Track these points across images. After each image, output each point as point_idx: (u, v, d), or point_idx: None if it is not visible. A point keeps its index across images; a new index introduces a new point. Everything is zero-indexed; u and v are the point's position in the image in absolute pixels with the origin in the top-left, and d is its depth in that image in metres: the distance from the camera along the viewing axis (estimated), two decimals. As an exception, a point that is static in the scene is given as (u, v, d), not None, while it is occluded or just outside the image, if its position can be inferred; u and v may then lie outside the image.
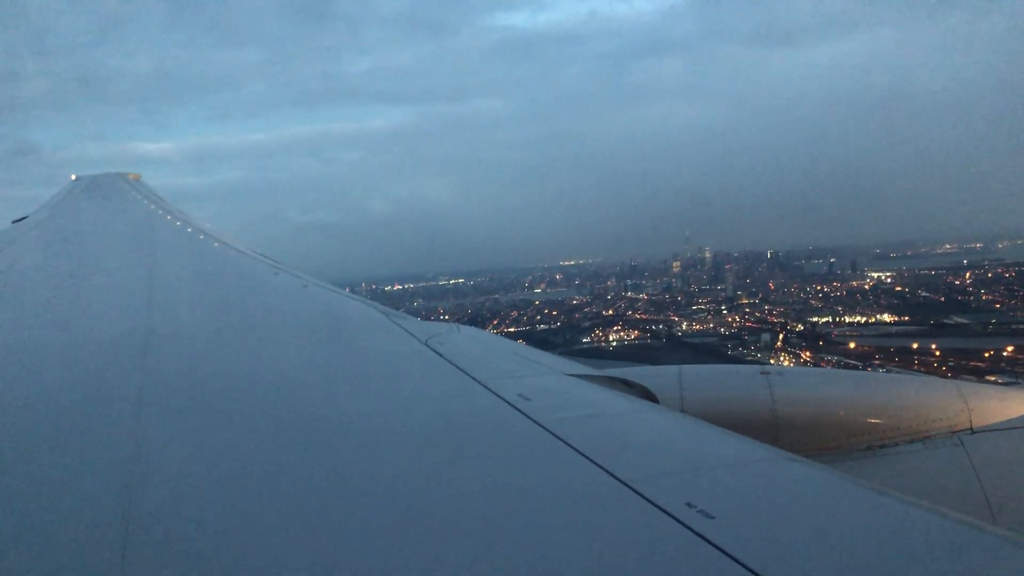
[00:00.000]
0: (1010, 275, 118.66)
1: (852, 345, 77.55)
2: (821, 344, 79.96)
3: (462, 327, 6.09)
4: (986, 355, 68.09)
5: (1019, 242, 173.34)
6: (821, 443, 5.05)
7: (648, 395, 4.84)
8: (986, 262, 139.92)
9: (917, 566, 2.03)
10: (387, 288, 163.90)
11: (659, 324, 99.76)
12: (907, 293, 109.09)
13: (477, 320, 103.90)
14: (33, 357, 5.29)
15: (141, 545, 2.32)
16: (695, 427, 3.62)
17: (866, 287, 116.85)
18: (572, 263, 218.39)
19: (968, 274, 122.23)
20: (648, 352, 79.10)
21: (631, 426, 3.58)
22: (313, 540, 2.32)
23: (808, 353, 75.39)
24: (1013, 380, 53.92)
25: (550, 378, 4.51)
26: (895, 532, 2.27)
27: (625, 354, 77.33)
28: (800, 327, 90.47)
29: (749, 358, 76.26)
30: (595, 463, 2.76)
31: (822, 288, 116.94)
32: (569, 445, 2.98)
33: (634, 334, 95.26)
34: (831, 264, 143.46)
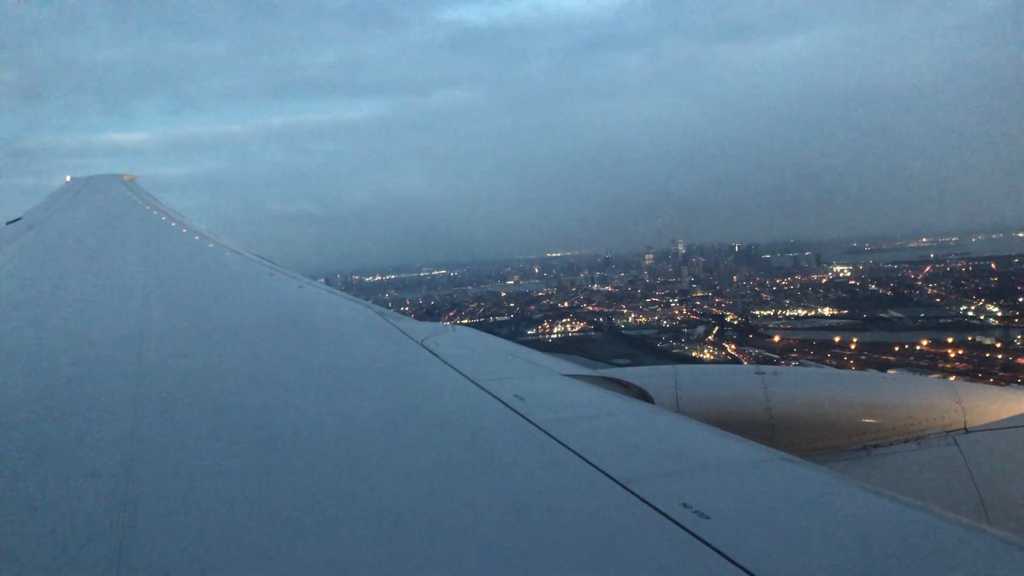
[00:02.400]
0: (966, 269, 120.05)
1: (776, 338, 79.34)
2: (750, 337, 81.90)
3: (458, 327, 6.18)
4: (896, 348, 69.97)
5: (993, 236, 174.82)
6: (816, 443, 5.08)
7: (644, 395, 4.89)
8: (952, 256, 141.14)
9: (911, 565, 2.05)
10: (368, 279, 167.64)
11: (608, 316, 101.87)
12: (857, 287, 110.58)
13: (436, 312, 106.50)
14: (28, 360, 5.29)
15: (135, 548, 2.31)
16: (690, 427, 3.63)
17: (823, 281, 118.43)
18: (558, 255, 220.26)
19: (928, 268, 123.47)
20: (582, 344, 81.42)
21: (626, 426, 3.60)
22: (309, 540, 2.32)
23: (733, 346, 77.36)
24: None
25: (546, 378, 4.53)
26: (889, 532, 2.28)
27: (560, 346, 79.46)
28: (740, 320, 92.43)
29: (675, 351, 78.33)
30: (591, 463, 2.77)
31: (780, 282, 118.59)
32: (564, 445, 2.99)
33: (579, 326, 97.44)
34: (796, 258, 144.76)
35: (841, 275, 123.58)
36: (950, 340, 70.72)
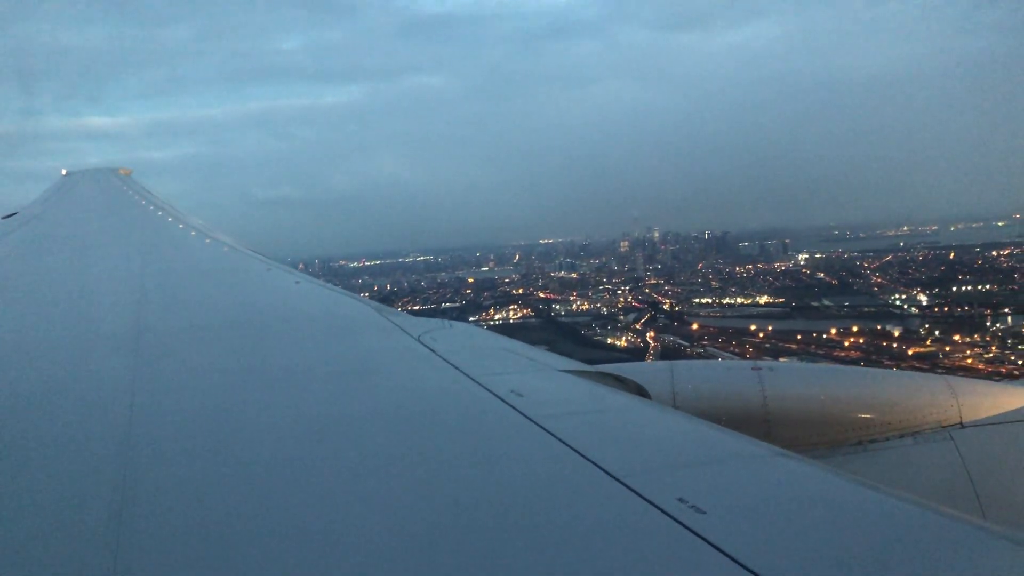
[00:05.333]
0: (924, 258, 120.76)
1: (695, 326, 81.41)
2: (674, 324, 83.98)
3: (455, 323, 6.29)
4: (799, 336, 71.79)
5: (973, 225, 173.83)
6: (812, 438, 5.13)
7: (640, 391, 4.90)
8: (919, 244, 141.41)
9: (907, 560, 2.06)
10: (353, 264, 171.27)
11: (553, 304, 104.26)
12: (805, 276, 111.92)
13: (392, 298, 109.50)
14: (25, 354, 5.35)
15: (134, 544, 2.31)
16: (687, 423, 3.67)
17: (780, 269, 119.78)
18: (550, 241, 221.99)
19: (889, 256, 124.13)
20: (512, 331, 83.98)
21: (623, 422, 3.64)
22: (307, 537, 2.32)
23: (652, 333, 79.54)
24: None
25: (543, 374, 4.57)
26: (885, 527, 2.30)
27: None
28: (675, 307, 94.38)
29: (596, 337, 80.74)
30: (587, 458, 2.78)
31: (739, 270, 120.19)
32: (561, 441, 3.00)
33: (521, 313, 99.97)
34: (764, 246, 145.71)
35: (800, 263, 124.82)
36: (855, 329, 72.43)
